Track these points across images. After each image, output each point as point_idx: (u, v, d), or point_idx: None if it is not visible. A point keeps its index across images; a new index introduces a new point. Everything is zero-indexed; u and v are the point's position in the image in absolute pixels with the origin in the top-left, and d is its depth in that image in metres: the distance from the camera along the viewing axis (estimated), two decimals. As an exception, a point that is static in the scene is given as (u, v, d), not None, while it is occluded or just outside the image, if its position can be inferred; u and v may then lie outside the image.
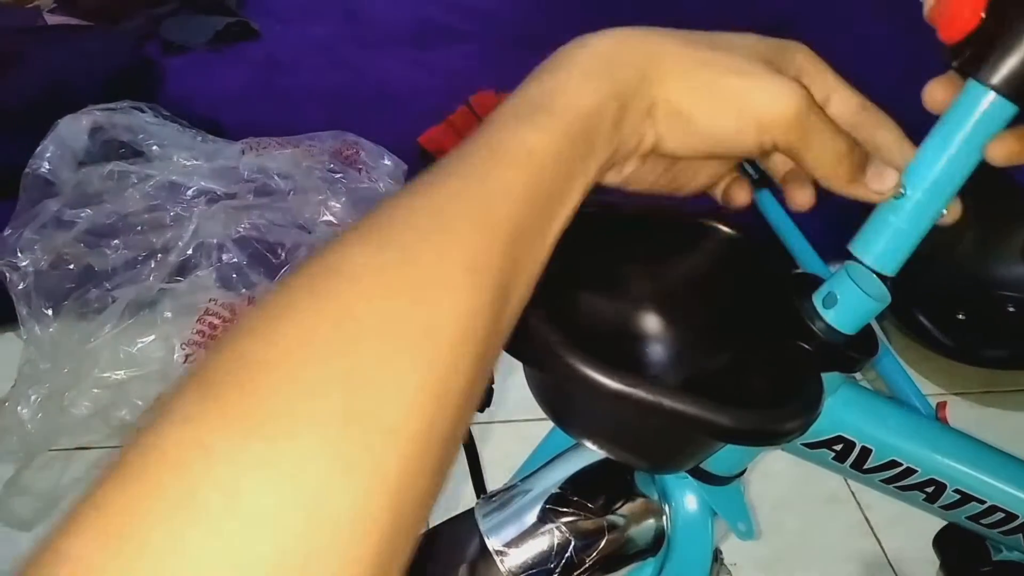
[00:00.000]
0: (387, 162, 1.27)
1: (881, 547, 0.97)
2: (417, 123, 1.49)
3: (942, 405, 1.00)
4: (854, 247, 0.34)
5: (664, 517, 0.45)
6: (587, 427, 0.35)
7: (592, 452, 0.42)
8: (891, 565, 0.95)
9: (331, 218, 1.16)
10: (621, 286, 0.42)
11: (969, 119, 0.31)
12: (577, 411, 0.35)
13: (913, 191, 0.32)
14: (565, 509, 0.42)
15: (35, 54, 1.51)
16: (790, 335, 0.35)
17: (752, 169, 1.51)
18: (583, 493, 0.43)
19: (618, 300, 0.41)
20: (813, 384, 0.34)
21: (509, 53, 1.85)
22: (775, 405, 0.33)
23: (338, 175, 1.22)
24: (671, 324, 0.41)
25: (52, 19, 1.70)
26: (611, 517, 0.43)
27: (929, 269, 0.99)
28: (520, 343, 0.32)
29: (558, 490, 0.43)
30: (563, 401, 0.35)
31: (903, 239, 0.33)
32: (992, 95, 0.30)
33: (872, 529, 0.98)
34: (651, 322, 0.42)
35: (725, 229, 0.40)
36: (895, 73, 1.93)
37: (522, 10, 2.04)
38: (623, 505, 0.43)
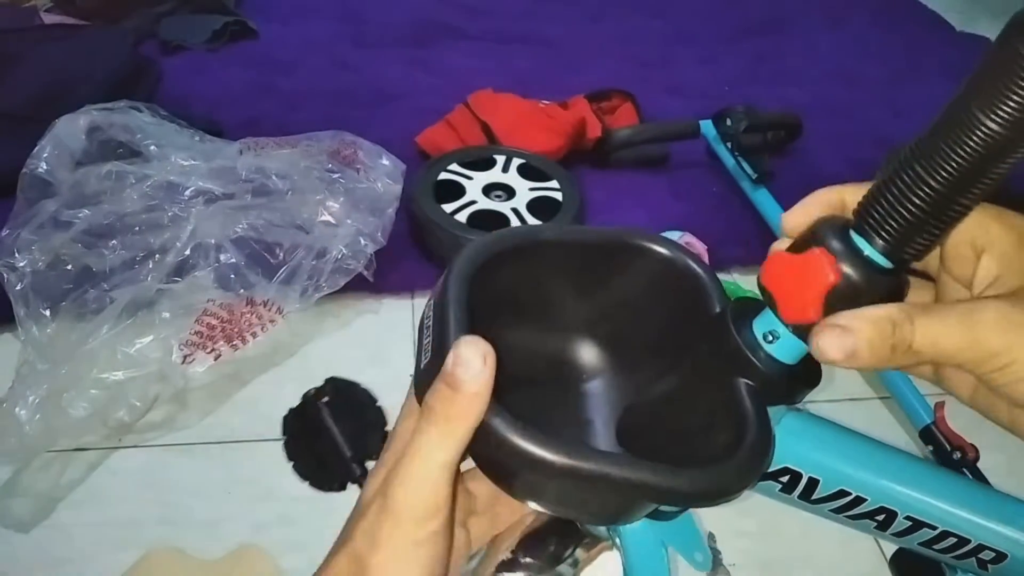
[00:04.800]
0: (385, 162, 1.26)
1: (880, 550, 0.97)
2: (415, 122, 1.48)
3: (940, 405, 1.00)
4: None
5: (617, 554, 0.45)
6: (530, 492, 0.34)
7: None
8: (888, 564, 0.95)
9: (329, 218, 1.15)
10: (551, 318, 0.40)
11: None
12: (519, 477, 0.33)
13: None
14: (517, 571, 0.41)
15: (32, 54, 1.51)
16: (730, 367, 0.33)
17: (749, 167, 1.52)
18: (532, 549, 0.41)
19: (548, 333, 0.40)
20: (764, 429, 0.32)
21: (507, 52, 1.85)
22: (726, 459, 0.31)
23: (336, 175, 1.21)
24: (603, 355, 0.40)
25: (49, 18, 1.70)
26: (563, 567, 0.42)
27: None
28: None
29: (509, 554, 0.41)
30: (502, 467, 0.33)
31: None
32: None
33: (871, 529, 0.98)
34: (585, 353, 0.41)
35: (659, 250, 0.38)
36: (890, 68, 1.94)
37: (520, 9, 2.04)
38: (574, 551, 0.42)
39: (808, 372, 0.33)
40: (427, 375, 0.32)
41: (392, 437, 0.36)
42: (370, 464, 0.97)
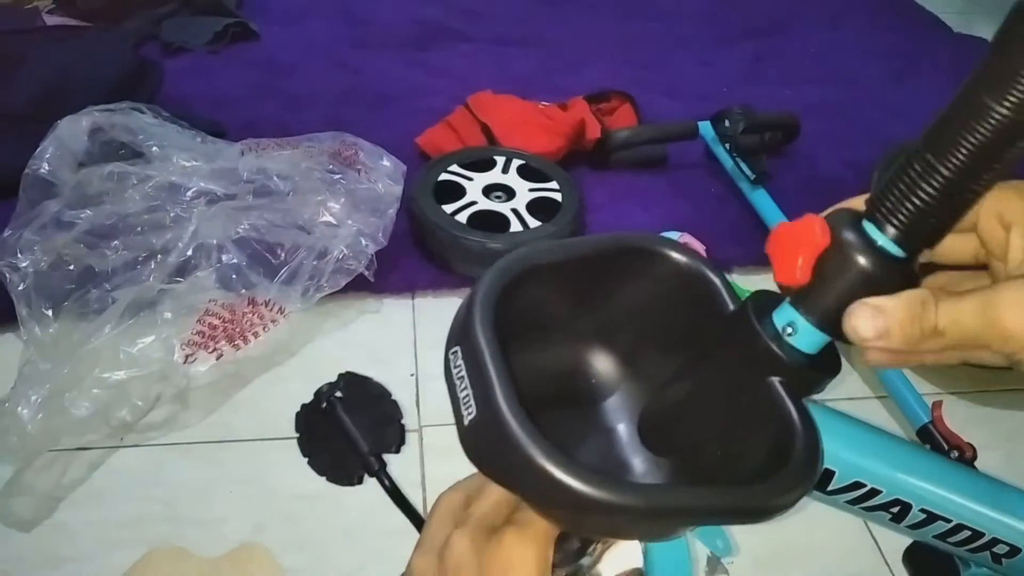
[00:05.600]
0: (386, 163, 1.27)
1: (877, 545, 0.97)
2: (415, 124, 1.49)
3: (938, 404, 1.01)
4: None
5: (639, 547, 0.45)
6: (557, 510, 0.33)
7: None
8: (887, 563, 0.95)
9: (330, 219, 1.16)
10: (563, 334, 0.40)
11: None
12: (544, 494, 0.31)
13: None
14: None
15: (35, 55, 1.51)
16: (757, 364, 0.32)
17: (747, 168, 1.53)
18: (556, 546, 0.41)
19: (562, 348, 0.40)
20: (811, 433, 0.32)
21: (507, 54, 1.86)
22: (775, 470, 0.31)
23: (337, 176, 1.22)
24: (618, 363, 0.41)
25: (51, 20, 1.70)
26: (587, 560, 0.42)
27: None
28: (483, 451, 0.31)
29: None
30: (556, 509, 0.32)
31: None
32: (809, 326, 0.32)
33: (868, 527, 0.99)
34: (600, 363, 0.41)
35: (663, 251, 0.38)
36: (887, 70, 1.95)
37: (519, 11, 2.05)
38: (596, 545, 0.42)
39: (828, 360, 0.33)
40: (475, 434, 0.32)
41: None
42: (387, 457, 0.98)
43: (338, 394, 1.01)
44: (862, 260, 0.29)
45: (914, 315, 0.29)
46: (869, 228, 0.29)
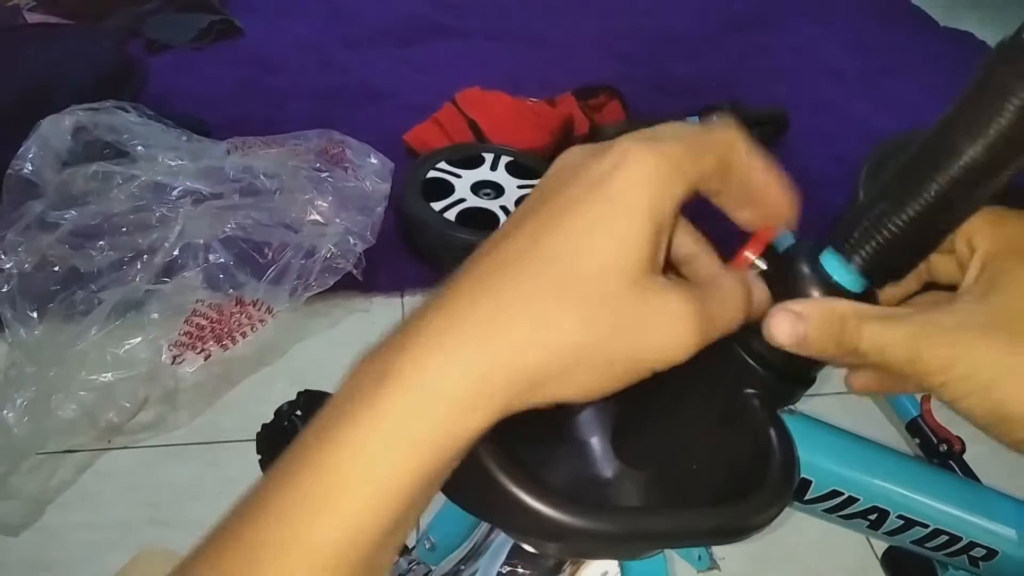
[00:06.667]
0: (373, 160, 1.26)
1: (869, 543, 0.98)
2: (403, 120, 1.48)
3: (927, 398, 1.01)
4: None
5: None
6: (532, 537, 0.32)
7: None
8: (878, 559, 0.96)
9: (318, 217, 1.15)
10: None
11: None
12: (519, 522, 0.30)
13: None
14: None
15: (16, 54, 1.50)
16: (729, 373, 0.32)
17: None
18: (529, 560, 0.41)
19: None
20: (787, 449, 0.31)
21: (495, 50, 1.85)
22: (753, 482, 0.30)
23: (324, 174, 1.21)
24: None
25: (32, 17, 1.68)
26: (563, 574, 0.42)
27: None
28: (451, 478, 0.30)
29: (506, 567, 0.41)
30: (496, 506, 0.30)
31: None
32: None
33: (859, 522, 0.99)
34: None
35: None
36: (875, 64, 1.95)
37: (508, 6, 2.04)
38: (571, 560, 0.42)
39: (801, 367, 0.32)
40: None
41: None
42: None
43: (298, 412, 1.00)
44: (816, 294, 0.29)
45: (832, 330, 0.28)
46: (826, 262, 0.29)
